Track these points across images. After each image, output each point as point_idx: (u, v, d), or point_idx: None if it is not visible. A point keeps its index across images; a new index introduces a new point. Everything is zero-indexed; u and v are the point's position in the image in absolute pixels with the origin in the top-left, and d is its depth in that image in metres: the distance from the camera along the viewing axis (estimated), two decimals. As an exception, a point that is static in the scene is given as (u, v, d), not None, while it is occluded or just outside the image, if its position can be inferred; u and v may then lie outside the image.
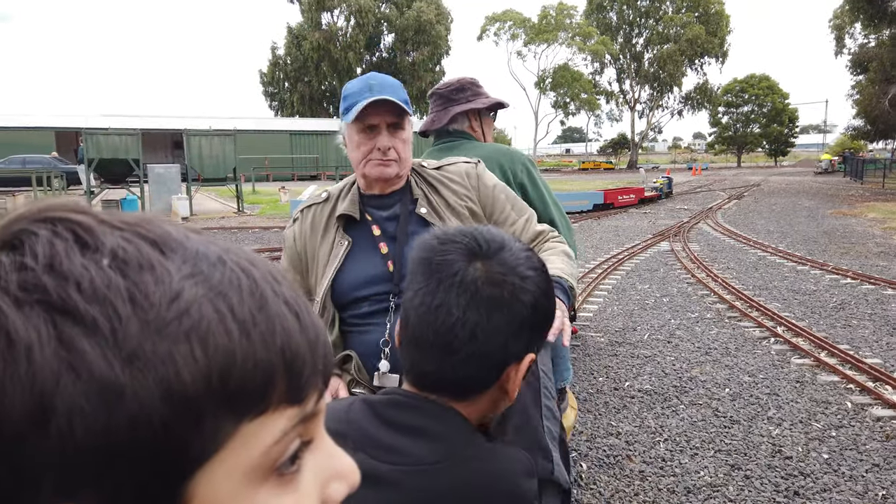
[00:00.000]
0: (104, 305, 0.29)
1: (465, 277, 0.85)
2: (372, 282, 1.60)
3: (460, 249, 0.88)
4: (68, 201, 0.34)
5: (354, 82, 1.66)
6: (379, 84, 1.63)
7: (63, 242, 0.31)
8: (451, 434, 0.88)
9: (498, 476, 0.87)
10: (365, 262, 1.62)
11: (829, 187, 27.30)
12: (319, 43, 49.92)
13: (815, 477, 3.11)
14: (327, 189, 1.80)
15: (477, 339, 0.85)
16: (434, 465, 0.85)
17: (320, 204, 1.76)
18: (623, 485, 3.08)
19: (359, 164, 1.66)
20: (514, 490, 0.88)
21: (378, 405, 0.90)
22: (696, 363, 4.80)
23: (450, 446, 0.86)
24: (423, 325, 0.86)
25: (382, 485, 0.84)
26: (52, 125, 34.89)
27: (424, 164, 1.81)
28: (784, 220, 14.66)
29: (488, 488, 0.86)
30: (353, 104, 1.61)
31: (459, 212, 1.73)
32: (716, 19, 57.23)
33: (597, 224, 14.18)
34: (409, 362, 0.91)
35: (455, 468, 0.85)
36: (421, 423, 0.87)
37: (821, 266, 8.47)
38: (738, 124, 67.99)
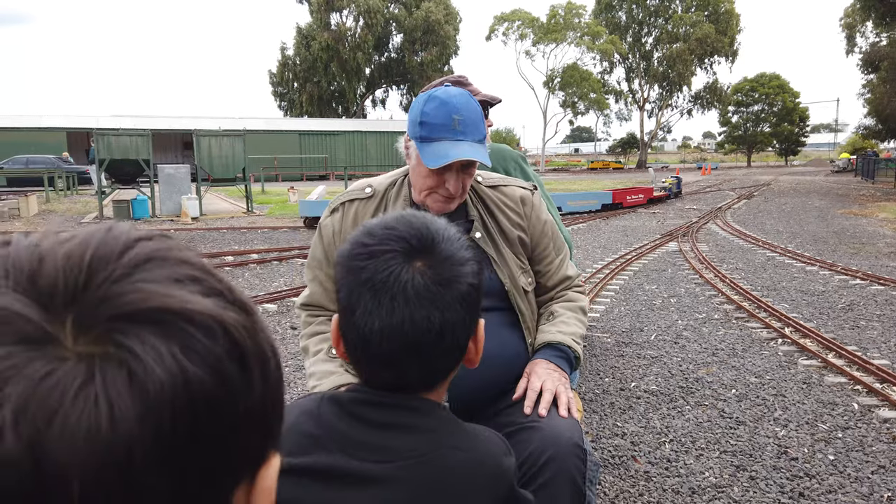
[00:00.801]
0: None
1: (414, 285, 0.86)
2: None
3: (397, 255, 0.88)
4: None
5: (435, 108, 1.57)
6: (463, 121, 1.55)
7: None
8: (434, 426, 0.91)
9: (482, 459, 0.91)
10: None
11: (839, 187, 27.12)
12: (328, 43, 50.07)
13: (820, 478, 3.11)
14: (371, 183, 1.76)
15: (444, 337, 0.88)
16: (423, 456, 0.88)
17: (364, 200, 1.72)
18: (628, 485, 3.09)
19: (422, 192, 1.63)
20: (497, 469, 0.92)
21: (349, 404, 0.92)
22: (702, 364, 4.80)
23: (435, 437, 0.90)
24: (389, 343, 0.86)
25: (374, 484, 0.87)
26: (63, 126, 35.16)
27: (480, 178, 1.77)
28: (794, 220, 14.59)
29: (475, 471, 0.90)
30: (432, 140, 1.55)
31: (511, 238, 1.72)
32: (726, 18, 56.94)
33: (605, 224, 14.16)
34: (369, 373, 0.92)
35: (443, 457, 0.88)
36: (402, 420, 0.90)
37: (830, 266, 8.43)
38: (748, 123, 67.65)
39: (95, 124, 30.03)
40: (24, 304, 0.33)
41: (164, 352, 0.33)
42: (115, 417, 0.31)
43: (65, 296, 0.33)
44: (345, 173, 29.12)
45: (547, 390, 1.53)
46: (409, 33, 52.34)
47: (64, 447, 0.30)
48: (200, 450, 0.34)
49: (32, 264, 0.35)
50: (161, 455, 0.32)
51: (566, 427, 1.47)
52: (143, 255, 0.36)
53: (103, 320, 0.33)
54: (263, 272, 8.53)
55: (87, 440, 0.30)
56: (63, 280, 0.34)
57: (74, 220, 15.36)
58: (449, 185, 1.58)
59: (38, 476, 0.29)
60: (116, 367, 0.32)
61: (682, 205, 19.25)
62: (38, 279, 0.34)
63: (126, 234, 0.38)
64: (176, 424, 0.32)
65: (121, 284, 0.34)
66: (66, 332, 0.32)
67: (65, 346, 0.32)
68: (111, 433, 0.30)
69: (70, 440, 0.30)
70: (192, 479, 0.34)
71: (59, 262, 0.35)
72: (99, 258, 0.35)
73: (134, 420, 0.31)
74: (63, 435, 0.30)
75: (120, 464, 0.31)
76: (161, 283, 0.35)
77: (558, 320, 1.74)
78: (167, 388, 0.32)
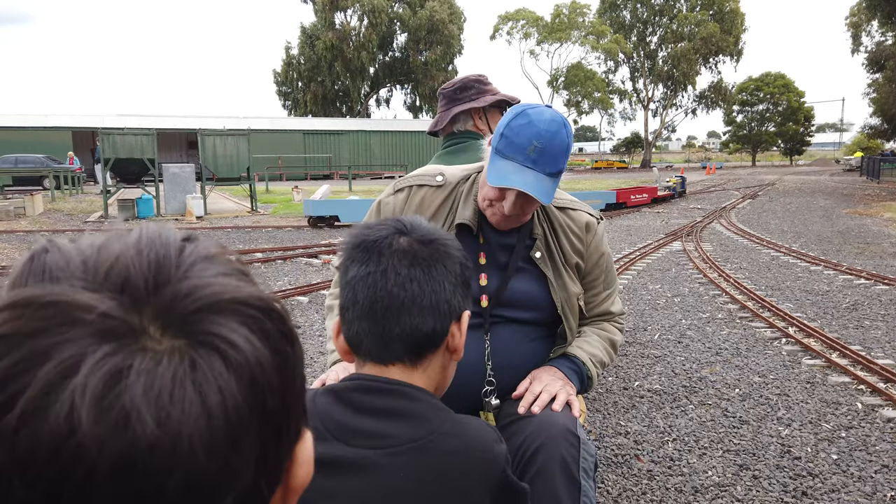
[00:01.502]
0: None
1: (400, 245, 0.97)
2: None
3: (388, 229, 0.99)
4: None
5: (520, 125, 1.49)
6: (540, 150, 1.48)
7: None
8: (427, 412, 0.94)
9: (473, 444, 0.94)
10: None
11: (844, 187, 27.04)
12: (333, 43, 50.10)
13: (823, 477, 3.12)
14: (443, 172, 1.72)
15: (424, 292, 0.95)
16: (418, 442, 0.91)
17: (434, 188, 1.69)
18: (631, 484, 3.10)
19: (483, 200, 1.59)
20: (488, 455, 0.95)
21: (344, 392, 0.96)
22: (706, 363, 4.80)
23: (428, 423, 0.93)
24: (374, 290, 0.95)
25: (373, 470, 0.89)
26: (69, 125, 35.27)
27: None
28: (798, 220, 14.56)
29: (467, 456, 0.92)
30: (504, 156, 1.50)
31: (570, 262, 1.71)
32: (730, 17, 56.78)
33: (609, 224, 14.15)
34: (362, 337, 0.97)
35: (436, 443, 0.91)
36: (396, 405, 0.94)
37: (834, 266, 8.41)
38: (752, 123, 67.49)
39: (101, 123, 30.12)
40: (103, 302, 0.35)
41: (245, 335, 0.37)
42: (224, 396, 0.34)
43: (144, 292, 0.36)
44: (349, 173, 29.21)
45: (545, 391, 1.53)
46: (413, 33, 52.34)
47: (189, 426, 0.33)
48: (277, 422, 0.38)
49: (107, 262, 0.36)
50: (255, 427, 0.36)
51: (560, 416, 1.46)
52: (196, 253, 0.39)
53: (184, 314, 0.36)
54: (268, 271, 8.55)
55: (208, 418, 0.33)
56: (143, 277, 0.36)
57: (80, 218, 15.42)
58: (505, 205, 1.53)
59: (171, 453, 0.32)
60: (212, 353, 0.35)
61: (687, 204, 19.23)
62: (109, 279, 0.36)
63: (174, 235, 0.41)
64: (264, 398, 0.37)
65: (191, 280, 0.37)
66: (149, 326, 0.35)
67: (156, 340, 0.34)
68: (224, 410, 0.34)
69: (194, 418, 0.33)
70: (271, 448, 0.38)
71: (132, 259, 0.37)
72: (165, 256, 0.38)
73: (239, 397, 0.35)
74: (186, 415, 0.33)
75: (232, 437, 0.34)
76: (220, 276, 0.39)
77: (583, 339, 1.73)
78: (254, 367, 0.36)
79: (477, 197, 1.64)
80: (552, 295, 1.64)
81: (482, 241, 1.64)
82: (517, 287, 1.63)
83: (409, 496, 0.89)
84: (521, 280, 1.64)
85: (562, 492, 1.35)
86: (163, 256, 0.37)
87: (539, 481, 1.35)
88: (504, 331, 1.62)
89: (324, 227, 13.22)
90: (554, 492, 1.34)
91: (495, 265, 1.63)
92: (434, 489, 0.90)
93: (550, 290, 1.64)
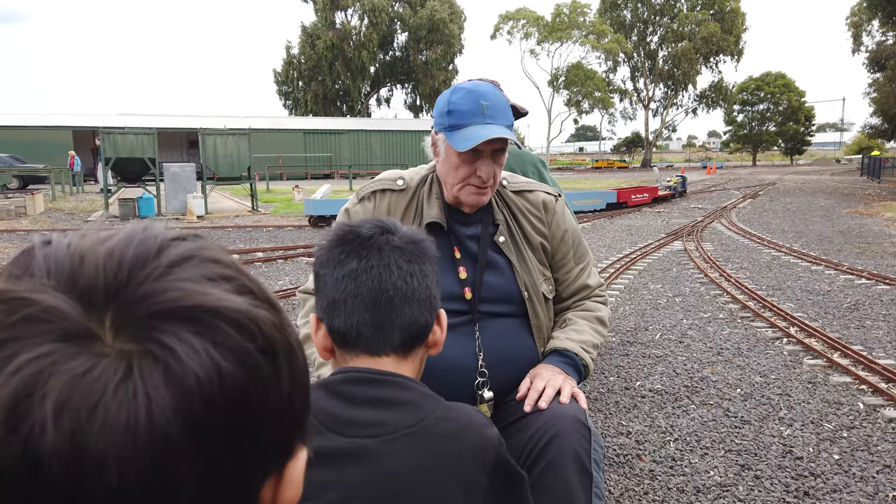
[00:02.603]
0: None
1: (396, 242, 1.01)
2: (447, 299, 1.52)
3: (375, 228, 1.02)
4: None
5: (462, 96, 1.58)
6: (491, 107, 1.57)
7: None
8: (419, 399, 0.97)
9: (466, 427, 0.97)
10: (443, 278, 1.63)
11: (845, 186, 27.03)
12: (333, 42, 50.07)
13: (825, 477, 3.12)
14: (402, 176, 1.75)
15: (421, 287, 1.00)
16: (413, 427, 0.93)
17: (396, 192, 1.71)
18: (633, 484, 3.10)
19: (454, 186, 1.63)
20: (481, 438, 0.97)
21: (336, 385, 0.98)
22: (707, 363, 4.80)
23: (421, 409, 0.96)
24: (379, 283, 0.98)
25: (370, 458, 0.91)
26: (69, 124, 35.25)
27: (506, 182, 1.77)
28: (799, 220, 14.56)
29: (460, 438, 0.95)
30: (461, 126, 1.56)
31: (533, 243, 1.73)
32: (731, 17, 56.73)
33: (609, 223, 14.14)
34: (361, 328, 0.99)
35: (430, 427, 0.94)
36: (388, 394, 0.96)
37: (835, 266, 8.41)
38: (753, 123, 67.47)
39: (102, 123, 30.11)
40: (65, 303, 0.34)
41: (198, 347, 0.34)
42: (152, 410, 0.32)
43: (105, 294, 0.35)
44: (349, 172, 29.22)
45: (549, 386, 1.52)
46: (413, 32, 52.31)
47: (104, 439, 0.31)
48: (232, 440, 0.35)
49: (73, 263, 0.36)
50: (195, 445, 0.33)
51: (569, 407, 1.46)
52: (179, 254, 0.38)
53: (141, 318, 0.34)
54: (269, 270, 8.55)
55: (127, 432, 0.31)
56: (103, 279, 0.35)
57: (81, 217, 15.42)
58: (481, 173, 1.58)
59: (79, 467, 0.31)
60: (153, 362, 0.33)
61: (687, 204, 19.22)
62: (78, 278, 0.35)
63: (162, 234, 0.39)
64: (209, 416, 0.34)
65: (159, 283, 0.36)
66: (105, 330, 0.34)
67: (105, 343, 0.33)
68: (149, 425, 0.32)
69: (110, 432, 0.31)
70: (224, 468, 0.35)
71: (99, 260, 0.36)
72: (137, 257, 0.37)
73: (170, 412, 0.32)
74: (103, 427, 0.31)
75: (157, 454, 0.32)
76: (196, 281, 0.37)
77: (570, 328, 1.73)
78: (202, 381, 0.34)
79: (441, 194, 1.69)
80: (516, 278, 1.67)
81: (453, 237, 1.68)
82: (491, 281, 1.66)
83: (408, 479, 0.91)
84: (492, 274, 1.67)
85: (574, 483, 1.34)
86: (133, 258, 0.36)
87: (551, 473, 1.34)
88: (493, 324, 1.64)
89: (325, 227, 13.23)
90: (567, 483, 1.33)
91: (469, 257, 1.67)
92: (431, 472, 0.92)
93: (515, 275, 1.67)
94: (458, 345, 1.57)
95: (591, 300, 1.82)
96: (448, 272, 1.60)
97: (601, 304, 1.84)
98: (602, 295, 1.86)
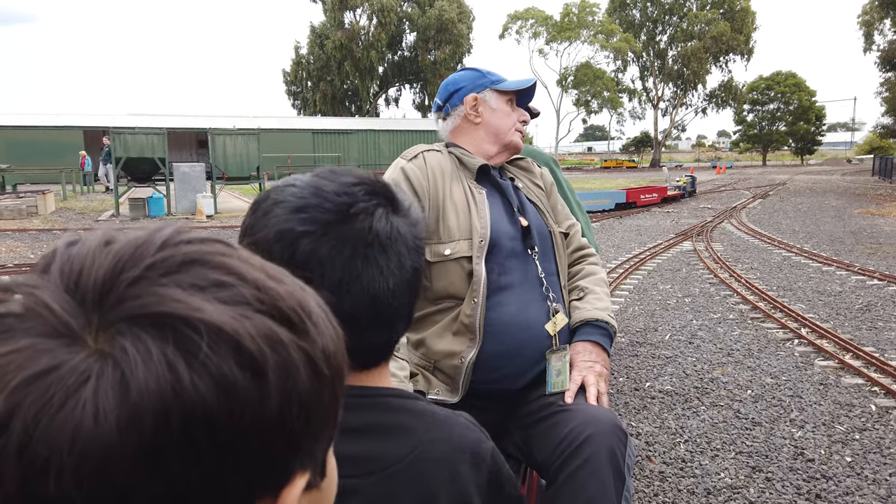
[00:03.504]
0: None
1: (398, 227, 0.82)
2: (508, 233, 1.68)
3: (367, 199, 0.81)
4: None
5: (475, 69, 1.88)
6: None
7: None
8: (410, 421, 0.87)
9: (461, 447, 0.89)
10: (502, 212, 1.72)
11: (856, 186, 26.83)
12: (342, 42, 50.16)
13: (837, 480, 3.09)
14: (428, 146, 1.88)
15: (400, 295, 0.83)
16: (405, 459, 0.84)
17: (439, 151, 1.81)
18: (643, 485, 3.08)
19: (509, 131, 1.83)
20: (476, 458, 0.90)
21: None
22: (717, 364, 4.77)
23: (412, 434, 0.86)
24: (394, 292, 0.81)
25: (361, 497, 0.81)
26: (80, 124, 35.47)
27: None
28: (810, 220, 14.46)
29: (454, 461, 0.88)
30: (503, 80, 1.84)
31: (538, 193, 1.86)
32: (741, 16, 56.41)
33: (618, 223, 14.10)
34: (376, 346, 0.85)
35: (425, 454, 0.85)
36: (380, 420, 0.85)
37: (847, 267, 8.35)
38: (763, 122, 67.03)
39: (112, 123, 30.28)
40: (60, 300, 0.34)
41: (156, 357, 0.32)
42: (98, 420, 0.31)
43: (97, 295, 0.34)
44: (358, 172, 29.16)
45: (590, 384, 1.57)
46: (422, 32, 52.32)
47: (47, 443, 0.30)
48: (197, 459, 0.33)
49: (84, 263, 0.36)
50: (147, 461, 0.32)
51: (604, 410, 1.49)
52: (176, 258, 0.36)
53: (116, 321, 0.33)
54: (278, 270, 8.57)
55: (71, 440, 0.30)
56: (100, 279, 0.35)
57: (91, 217, 15.51)
58: (522, 117, 1.85)
59: (21, 469, 0.30)
60: (112, 368, 0.32)
61: (697, 204, 19.13)
62: (82, 278, 0.35)
63: (169, 236, 0.38)
64: (162, 431, 0.32)
65: (139, 286, 0.35)
66: (92, 330, 0.33)
67: (85, 344, 0.33)
68: (92, 435, 0.30)
69: (54, 437, 0.30)
70: (192, 487, 0.33)
71: (104, 260, 0.36)
72: (134, 258, 0.36)
73: (114, 424, 0.31)
74: (48, 431, 0.30)
75: (99, 467, 0.31)
76: (180, 288, 0.35)
77: (590, 296, 1.78)
78: (153, 393, 0.32)
79: (485, 148, 1.82)
80: (542, 217, 1.79)
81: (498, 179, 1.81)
82: (530, 219, 1.76)
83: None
84: (526, 215, 1.77)
85: (608, 484, 1.34)
86: (128, 259, 0.36)
87: (585, 471, 1.34)
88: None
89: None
90: (601, 482, 1.33)
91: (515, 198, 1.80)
92: (427, 498, 0.85)
93: (541, 215, 1.79)
94: (524, 271, 1.67)
95: (589, 263, 1.89)
96: (505, 205, 1.74)
97: (598, 267, 1.91)
98: (594, 255, 1.95)
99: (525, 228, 1.70)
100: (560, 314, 1.66)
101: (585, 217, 2.45)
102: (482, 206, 1.67)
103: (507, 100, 1.83)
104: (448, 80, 1.88)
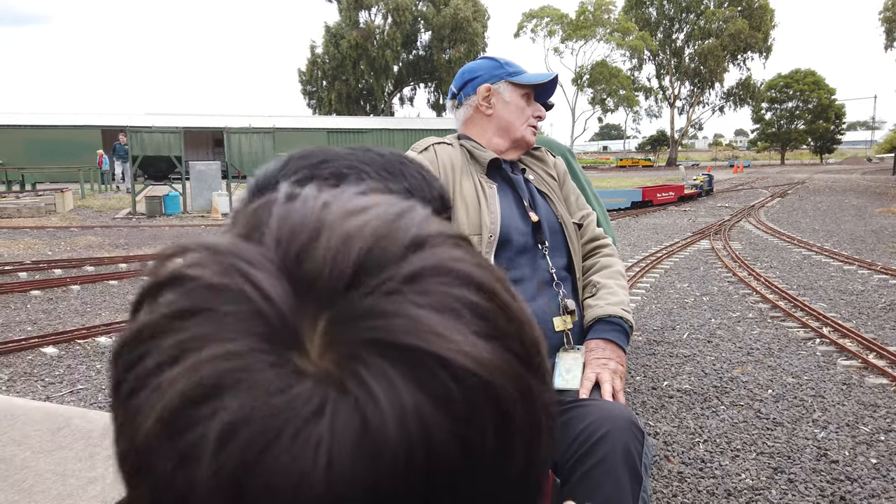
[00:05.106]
0: None
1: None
2: (519, 228, 1.66)
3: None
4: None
5: (493, 58, 1.82)
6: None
7: None
8: None
9: None
10: (513, 207, 1.70)
11: (877, 185, 26.45)
12: (357, 41, 50.27)
13: (862, 482, 3.01)
14: (438, 139, 1.85)
15: None
16: None
17: (450, 145, 1.79)
18: (661, 486, 3.02)
19: (521, 125, 1.77)
20: None
21: None
22: (737, 363, 4.69)
23: None
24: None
25: None
26: (98, 123, 35.85)
27: None
28: (830, 219, 14.25)
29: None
30: (521, 72, 1.78)
31: (551, 184, 1.84)
32: (759, 13, 55.84)
33: (635, 222, 13.98)
34: None
35: None
36: None
37: (869, 265, 8.20)
38: (782, 121, 66.37)
39: (129, 122, 30.56)
40: (281, 289, 0.27)
41: (409, 408, 0.25)
42: (331, 474, 0.24)
43: (327, 289, 0.27)
44: (373, 170, 29.26)
45: (604, 381, 1.54)
46: (437, 31, 52.30)
47: (265, 488, 0.24)
48: None
49: (310, 236, 0.28)
50: None
51: (620, 407, 1.46)
52: (425, 264, 0.29)
53: (355, 340, 0.26)
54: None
55: (294, 489, 0.24)
56: (330, 269, 0.27)
57: (108, 215, 15.64)
58: (537, 112, 1.79)
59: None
60: (352, 409, 0.25)
61: (714, 203, 18.94)
62: (306, 259, 0.28)
63: (416, 230, 0.30)
64: (401, 496, 0.25)
65: (390, 300, 0.27)
66: (315, 337, 0.26)
67: (309, 357, 0.26)
68: (324, 490, 0.24)
69: (276, 484, 0.24)
70: None
71: (334, 242, 0.28)
72: (377, 254, 0.28)
73: (350, 483, 0.25)
74: (270, 475, 0.24)
75: None
76: (435, 310, 0.27)
77: (604, 291, 1.73)
78: (401, 453, 0.25)
79: (494, 142, 1.78)
80: (554, 210, 1.76)
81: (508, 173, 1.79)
82: (541, 213, 1.74)
83: None
84: (537, 208, 1.75)
85: (624, 483, 1.31)
86: (372, 253, 0.28)
87: (600, 470, 1.31)
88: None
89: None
90: (617, 481, 1.31)
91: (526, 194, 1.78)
92: None
93: (552, 207, 1.76)
94: (533, 266, 1.65)
95: (604, 255, 1.84)
96: (515, 200, 1.71)
97: (614, 258, 1.86)
98: (610, 245, 1.90)
99: (536, 224, 1.68)
100: (571, 310, 1.63)
101: (602, 207, 2.40)
102: (492, 201, 1.66)
103: (524, 94, 1.78)
104: (465, 67, 1.86)
